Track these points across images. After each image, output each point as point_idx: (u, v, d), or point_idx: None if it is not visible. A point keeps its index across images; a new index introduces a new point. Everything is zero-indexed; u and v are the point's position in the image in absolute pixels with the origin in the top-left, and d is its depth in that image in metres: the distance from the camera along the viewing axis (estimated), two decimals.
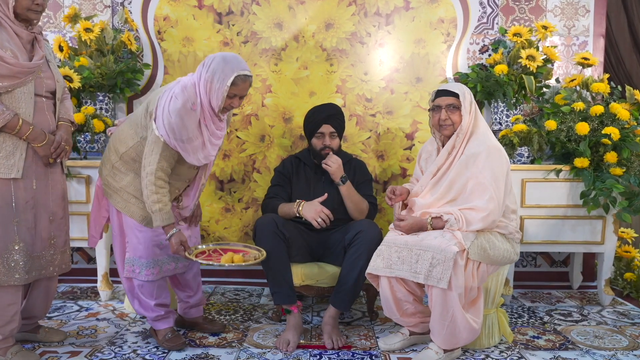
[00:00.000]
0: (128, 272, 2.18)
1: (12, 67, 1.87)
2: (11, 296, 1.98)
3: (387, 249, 2.12)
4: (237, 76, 1.99)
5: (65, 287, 3.12)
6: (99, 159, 2.81)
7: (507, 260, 2.16)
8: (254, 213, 3.14)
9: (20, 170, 1.94)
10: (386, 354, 2.20)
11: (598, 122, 2.69)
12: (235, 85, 2.00)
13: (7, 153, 1.92)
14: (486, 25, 3.11)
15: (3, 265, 1.93)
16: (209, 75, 1.99)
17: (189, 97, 1.99)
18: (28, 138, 1.95)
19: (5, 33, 1.90)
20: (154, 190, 2.02)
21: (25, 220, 1.97)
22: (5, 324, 1.98)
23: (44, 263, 2.06)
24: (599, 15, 3.12)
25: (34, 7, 1.94)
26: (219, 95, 2.00)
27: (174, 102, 1.98)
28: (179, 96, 1.99)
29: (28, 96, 1.95)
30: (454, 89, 2.20)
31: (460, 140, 2.18)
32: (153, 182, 2.01)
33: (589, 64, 2.89)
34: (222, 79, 1.98)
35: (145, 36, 3.11)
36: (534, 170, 2.73)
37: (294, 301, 2.34)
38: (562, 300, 2.95)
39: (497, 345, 2.28)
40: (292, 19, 3.07)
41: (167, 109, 1.99)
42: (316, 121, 2.57)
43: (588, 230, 2.75)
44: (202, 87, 2.01)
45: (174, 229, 2.06)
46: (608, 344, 2.31)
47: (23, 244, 1.96)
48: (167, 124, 1.99)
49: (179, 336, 2.24)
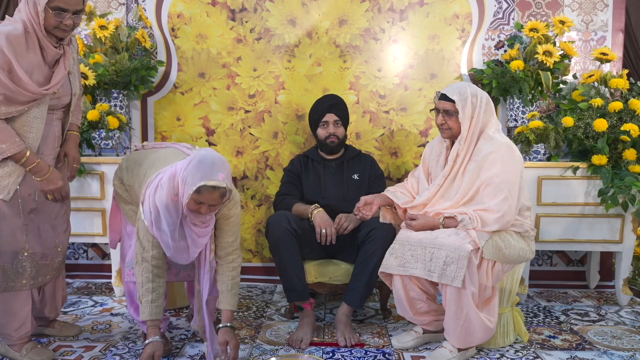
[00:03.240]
0: (128, 275, 2.13)
1: (30, 95, 1.84)
2: (22, 300, 2.00)
3: (400, 247, 2.10)
4: (202, 186, 1.78)
5: (80, 282, 3.15)
6: (113, 155, 2.85)
7: (522, 259, 2.13)
8: (267, 210, 3.14)
9: (10, 193, 1.90)
10: (399, 352, 2.18)
11: (617, 119, 2.64)
12: (199, 194, 1.79)
13: (3, 173, 1.88)
14: (502, 20, 3.07)
15: (12, 271, 1.95)
16: (184, 175, 1.83)
17: (174, 188, 1.87)
18: (31, 171, 1.91)
19: (33, 54, 1.84)
20: (150, 279, 1.93)
21: (32, 227, 1.97)
22: (19, 327, 2.00)
23: (49, 269, 2.07)
24: (618, 9, 3.06)
25: (62, 26, 1.85)
26: (184, 200, 1.83)
27: (160, 191, 1.88)
28: (164, 185, 1.88)
29: (39, 118, 1.91)
30: (452, 94, 2.11)
31: (465, 148, 2.13)
32: (150, 270, 1.93)
33: (607, 59, 2.83)
34: (189, 184, 1.80)
35: (159, 33, 3.12)
36: (550, 168, 2.69)
37: (307, 298, 2.33)
38: (579, 300, 2.90)
39: (512, 345, 2.25)
40: (305, 15, 3.06)
41: (152, 199, 1.89)
42: (320, 111, 2.59)
43: (606, 229, 2.70)
44: (180, 183, 1.86)
45: (153, 337, 1.92)
46: (626, 345, 2.26)
47: (32, 251, 1.98)
48: (152, 212, 1.89)
49: (165, 343, 2.11)
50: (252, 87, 3.11)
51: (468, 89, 2.13)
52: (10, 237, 1.93)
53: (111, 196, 2.73)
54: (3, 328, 1.99)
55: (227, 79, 3.11)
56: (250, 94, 3.12)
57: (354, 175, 2.62)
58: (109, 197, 2.75)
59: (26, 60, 1.82)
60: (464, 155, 2.14)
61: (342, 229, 2.39)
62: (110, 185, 2.74)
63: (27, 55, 1.83)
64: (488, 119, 2.15)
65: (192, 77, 3.13)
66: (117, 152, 2.88)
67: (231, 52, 3.10)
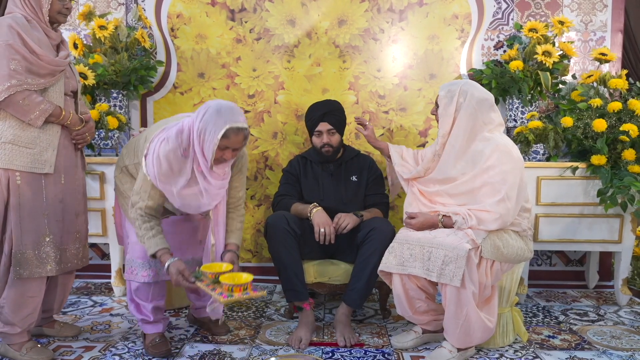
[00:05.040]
0: (127, 273, 2.14)
1: (48, 66, 1.96)
2: (35, 289, 2.02)
3: (399, 246, 2.11)
4: (229, 128, 1.88)
5: (80, 282, 3.15)
6: (113, 155, 2.85)
7: (521, 258, 2.13)
8: (266, 210, 3.14)
9: (52, 166, 2.01)
10: (399, 352, 2.18)
11: (616, 119, 2.64)
12: (226, 138, 1.89)
13: (40, 149, 1.98)
14: (501, 20, 3.07)
15: (36, 257, 1.98)
16: (201, 125, 1.91)
17: (182, 143, 1.94)
18: (70, 123, 2.05)
19: (39, 34, 1.97)
20: (146, 220, 1.98)
21: (54, 213, 2.03)
22: (26, 316, 2.02)
23: (70, 256, 2.11)
24: (617, 10, 3.07)
25: (64, 10, 2.06)
26: (210, 147, 1.90)
27: (165, 145, 1.95)
28: (171, 140, 1.95)
29: (59, 94, 2.03)
30: (443, 88, 2.18)
31: (442, 145, 2.18)
32: (142, 215, 1.99)
33: (606, 59, 2.84)
34: (214, 131, 1.88)
35: (158, 33, 3.12)
36: (549, 168, 2.69)
37: (306, 298, 2.33)
38: (578, 300, 2.91)
39: (511, 345, 2.25)
40: (304, 15, 3.06)
41: (157, 151, 1.95)
42: (313, 119, 2.56)
43: (605, 229, 2.71)
44: (195, 136, 1.93)
45: (170, 258, 1.96)
46: (626, 345, 2.27)
47: (53, 236, 2.02)
48: (155, 166, 1.95)
49: (165, 343, 2.15)
50: (251, 87, 3.11)
51: (459, 87, 2.13)
52: (33, 223, 1.97)
53: (111, 196, 2.75)
54: (10, 316, 1.99)
55: (227, 79, 3.11)
56: (249, 94, 3.12)
57: (352, 177, 2.61)
58: (108, 197, 2.76)
59: (34, 37, 1.95)
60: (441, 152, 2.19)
61: (341, 228, 2.38)
62: (110, 186, 2.75)
63: (34, 33, 1.96)
64: (485, 119, 2.13)
65: (191, 77, 3.13)
66: (116, 152, 2.89)
67: (230, 52, 3.10)
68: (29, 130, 1.96)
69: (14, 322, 2.00)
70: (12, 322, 2.00)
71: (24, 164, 1.95)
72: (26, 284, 1.99)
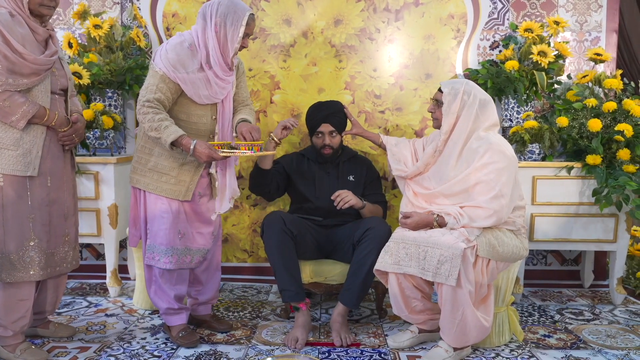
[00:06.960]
0: (148, 259, 2.19)
1: (32, 65, 1.88)
2: (25, 292, 1.99)
3: (395, 246, 2.11)
4: (250, 15, 2.07)
5: (75, 283, 3.13)
6: (108, 155, 2.83)
7: (516, 257, 2.14)
8: (262, 210, 3.14)
9: (36, 168, 1.95)
10: (395, 352, 2.18)
11: (611, 119, 2.65)
12: (248, 25, 2.07)
13: (24, 151, 1.92)
14: (497, 21, 3.08)
15: (19, 262, 1.94)
16: (219, 19, 2.05)
17: (187, 39, 2.10)
18: (55, 124, 2.00)
19: (22, 29, 1.89)
20: (157, 110, 2.05)
21: (41, 217, 1.98)
22: (18, 319, 1.99)
23: (59, 260, 2.07)
24: (611, 10, 3.08)
25: (47, 2, 1.94)
26: (235, 36, 2.06)
27: (171, 40, 2.12)
28: (176, 37, 2.13)
29: (45, 94, 1.97)
30: (446, 86, 2.21)
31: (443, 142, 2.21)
32: (152, 107, 2.04)
33: (601, 59, 2.85)
34: (237, 20, 2.04)
35: (154, 33, 3.11)
36: (545, 168, 2.70)
37: (303, 298, 2.33)
38: (573, 299, 2.92)
39: (507, 344, 2.26)
40: (301, 15, 3.05)
41: (165, 47, 2.10)
42: (315, 120, 2.56)
43: (600, 228, 2.72)
44: (210, 33, 2.06)
45: (192, 141, 2.04)
46: (621, 344, 2.28)
47: (38, 240, 1.97)
48: (164, 59, 2.07)
49: (193, 333, 2.24)
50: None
51: (463, 87, 2.17)
52: (17, 226, 1.93)
53: (106, 196, 2.74)
54: (2, 319, 1.97)
55: None
56: None
57: (349, 177, 2.61)
58: (103, 197, 2.74)
59: (18, 35, 1.87)
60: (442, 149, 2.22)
61: (344, 202, 2.38)
62: (104, 186, 2.73)
63: (18, 30, 1.87)
64: (483, 120, 2.16)
65: None
66: (111, 152, 2.87)
67: None
68: (12, 131, 1.90)
69: (6, 325, 1.98)
70: (3, 325, 1.98)
71: (6, 166, 1.89)
72: (15, 287, 1.96)
